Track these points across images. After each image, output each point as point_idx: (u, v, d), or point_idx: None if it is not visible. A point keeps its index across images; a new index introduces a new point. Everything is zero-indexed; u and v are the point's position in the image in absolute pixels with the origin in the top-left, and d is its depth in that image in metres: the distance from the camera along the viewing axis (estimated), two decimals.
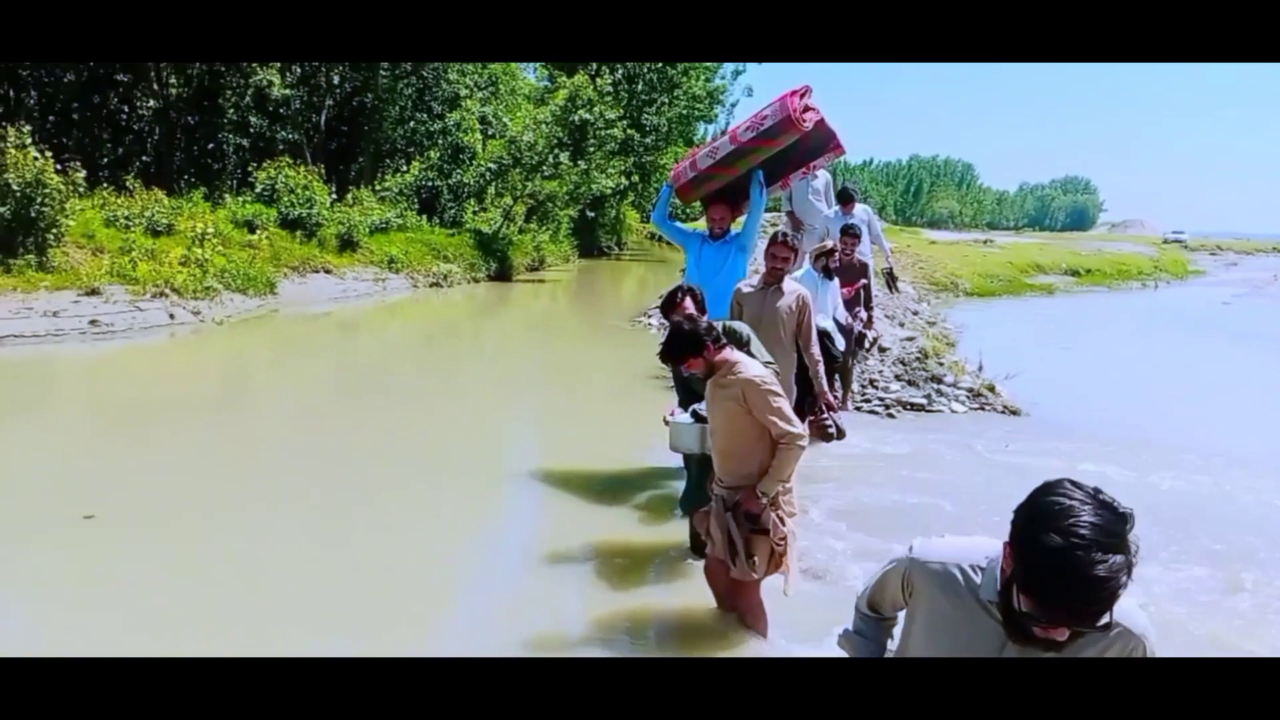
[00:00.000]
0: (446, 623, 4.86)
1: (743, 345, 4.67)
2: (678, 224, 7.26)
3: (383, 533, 5.99)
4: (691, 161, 6.67)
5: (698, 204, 7.12)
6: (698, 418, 4.85)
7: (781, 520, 4.13)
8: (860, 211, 10.23)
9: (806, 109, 6.09)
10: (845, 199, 10.20)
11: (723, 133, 7.34)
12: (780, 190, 7.21)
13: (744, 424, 4.05)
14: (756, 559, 4.13)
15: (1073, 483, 1.70)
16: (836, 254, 8.12)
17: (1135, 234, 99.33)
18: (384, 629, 4.56)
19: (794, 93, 6.12)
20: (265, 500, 6.51)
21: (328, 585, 5.09)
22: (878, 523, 6.19)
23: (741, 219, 6.72)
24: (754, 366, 4.11)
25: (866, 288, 9.21)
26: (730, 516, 4.15)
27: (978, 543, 2.01)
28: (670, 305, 5.25)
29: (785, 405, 4.06)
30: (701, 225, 7.05)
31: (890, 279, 11.39)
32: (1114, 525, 1.63)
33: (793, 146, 6.28)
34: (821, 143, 6.41)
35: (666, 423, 5.12)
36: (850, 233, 9.12)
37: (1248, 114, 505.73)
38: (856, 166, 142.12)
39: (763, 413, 3.98)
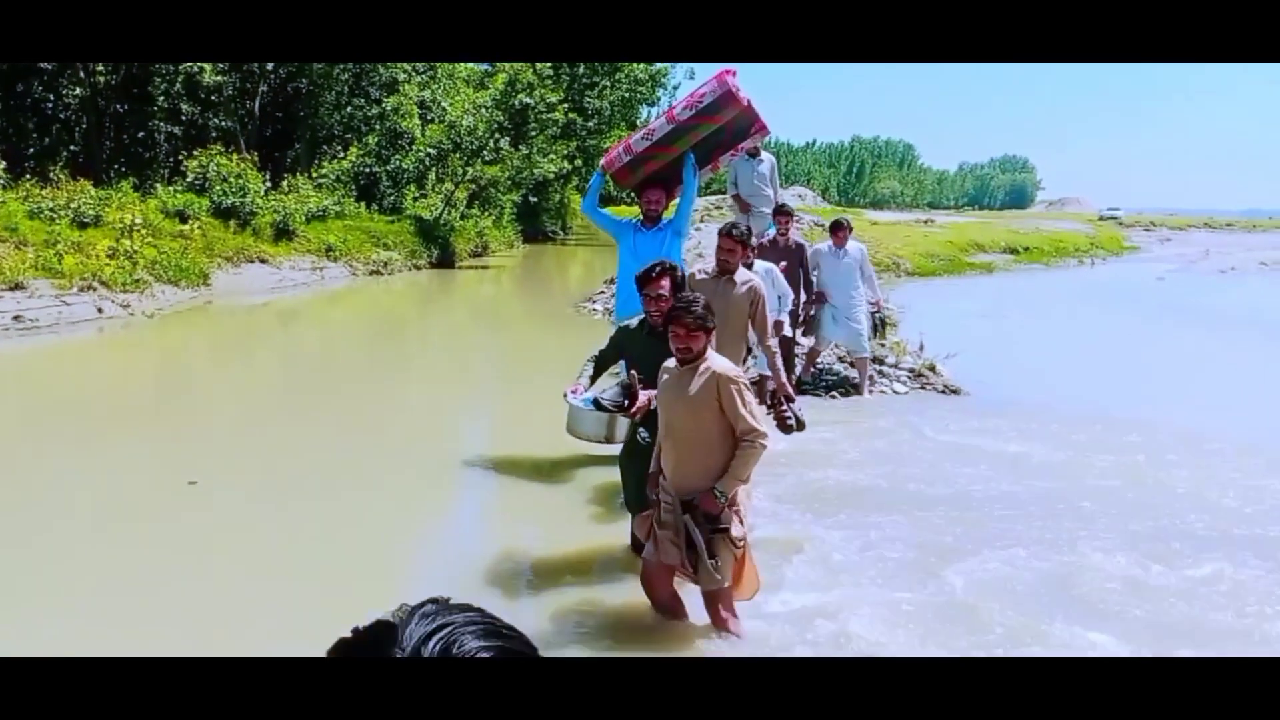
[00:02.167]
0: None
1: None
2: (608, 212, 7.16)
3: (325, 529, 5.84)
4: (626, 146, 6.65)
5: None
6: (599, 406, 4.64)
7: (740, 520, 4.00)
8: (854, 249, 9.71)
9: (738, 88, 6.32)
10: (836, 229, 9.68)
11: (659, 115, 7.33)
12: (710, 173, 7.21)
13: (709, 421, 3.92)
14: (720, 562, 3.94)
15: None
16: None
17: (1072, 211, 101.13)
18: (322, 629, 4.43)
19: (727, 71, 6.33)
20: (203, 496, 6.33)
21: (262, 586, 4.95)
22: (820, 505, 6.19)
23: (675, 203, 6.70)
24: (723, 359, 4.03)
25: (805, 270, 9.20)
26: (689, 520, 3.94)
27: None
28: (645, 281, 4.75)
29: (755, 403, 3.98)
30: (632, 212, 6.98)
31: (879, 321, 10.53)
32: None
33: (719, 130, 6.40)
34: (746, 124, 6.58)
35: (566, 399, 4.86)
36: (783, 211, 9.12)
37: (1181, 94, 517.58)
38: (799, 148, 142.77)
39: (732, 407, 3.88)
